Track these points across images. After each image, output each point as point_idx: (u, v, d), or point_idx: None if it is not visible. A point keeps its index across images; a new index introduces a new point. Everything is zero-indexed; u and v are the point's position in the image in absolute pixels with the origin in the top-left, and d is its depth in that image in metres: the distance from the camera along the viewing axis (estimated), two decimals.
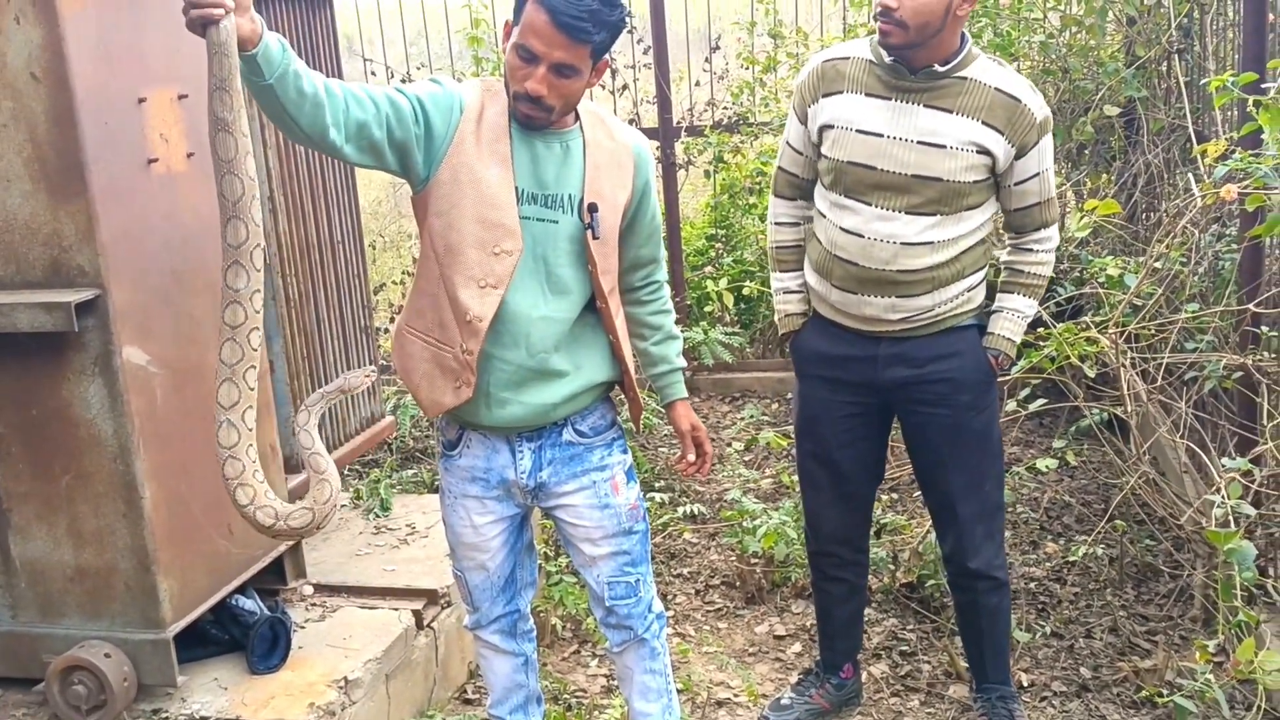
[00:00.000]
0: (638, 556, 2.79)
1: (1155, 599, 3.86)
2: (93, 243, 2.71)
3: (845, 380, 3.08)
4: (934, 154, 2.80)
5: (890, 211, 2.85)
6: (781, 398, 6.07)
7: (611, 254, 2.62)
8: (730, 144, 6.22)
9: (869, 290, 2.92)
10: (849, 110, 2.87)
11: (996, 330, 3.02)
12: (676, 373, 2.87)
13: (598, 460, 2.71)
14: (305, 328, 3.75)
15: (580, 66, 2.42)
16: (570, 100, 2.48)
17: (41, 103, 2.66)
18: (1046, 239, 3.00)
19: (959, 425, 3.02)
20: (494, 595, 2.86)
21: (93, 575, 2.94)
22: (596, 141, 2.58)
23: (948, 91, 2.80)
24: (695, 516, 4.62)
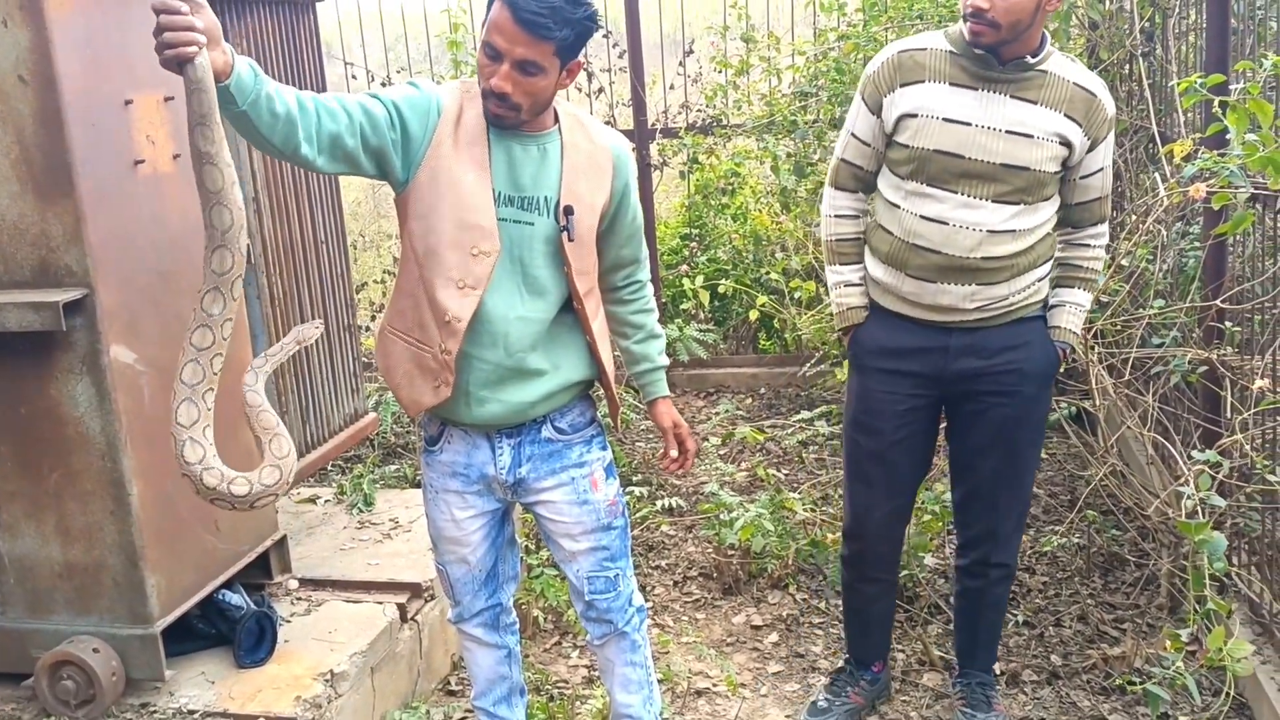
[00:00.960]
0: (617, 551, 2.78)
1: (1122, 587, 3.89)
2: (80, 243, 2.68)
3: (909, 373, 3.02)
4: (1022, 143, 2.79)
5: (976, 199, 2.82)
6: (754, 392, 6.08)
7: (588, 255, 2.59)
8: (704, 146, 6.23)
9: (949, 278, 2.88)
10: (933, 99, 2.83)
11: (1061, 323, 3.01)
12: (659, 371, 2.85)
13: (576, 457, 2.70)
14: (290, 326, 3.72)
15: (544, 64, 2.37)
16: (538, 99, 2.42)
17: (29, 104, 2.63)
18: (1102, 234, 3.00)
19: (1020, 416, 3.00)
20: (475, 589, 2.85)
21: (81, 572, 2.91)
22: (575, 144, 2.55)
23: (1031, 84, 2.79)
24: (673, 509, 4.61)
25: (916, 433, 3.09)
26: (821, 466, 4.91)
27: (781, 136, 5.81)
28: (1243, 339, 3.51)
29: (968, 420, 3.06)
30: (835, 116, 5.62)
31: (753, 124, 6.00)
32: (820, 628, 3.87)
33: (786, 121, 5.76)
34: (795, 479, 4.88)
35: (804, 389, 5.96)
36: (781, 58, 6.21)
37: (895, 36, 5.21)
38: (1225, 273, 3.61)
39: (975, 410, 3.03)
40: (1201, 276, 3.69)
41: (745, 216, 6.39)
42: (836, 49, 5.79)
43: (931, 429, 3.13)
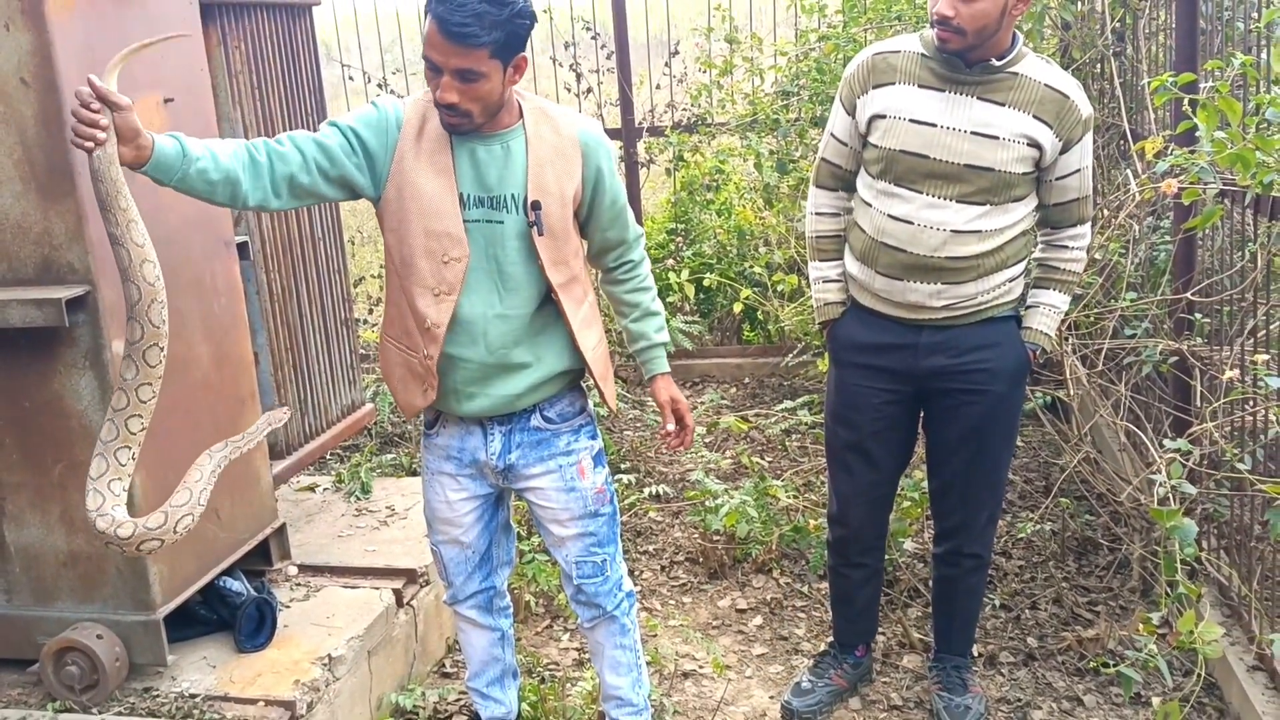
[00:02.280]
0: (604, 537, 2.76)
1: (1095, 571, 3.89)
2: (82, 241, 2.66)
3: (883, 368, 3.00)
4: (987, 144, 2.75)
5: (941, 200, 2.79)
6: (739, 382, 6.07)
7: (564, 245, 2.55)
8: (689, 144, 6.21)
9: (915, 277, 2.86)
10: (901, 100, 2.81)
11: (1034, 325, 2.97)
12: (657, 348, 2.81)
13: (564, 445, 2.69)
14: (288, 320, 3.69)
15: (482, 69, 2.33)
16: (487, 103, 2.39)
17: (31, 107, 2.60)
18: (1081, 235, 2.95)
19: (990, 414, 2.96)
20: (469, 571, 2.85)
21: (85, 560, 2.89)
22: (539, 136, 2.50)
23: (1000, 85, 2.75)
24: (660, 496, 4.60)
25: (893, 425, 3.08)
26: (804, 454, 4.91)
27: (764, 134, 5.80)
28: (1211, 330, 3.51)
29: (940, 416, 3.04)
30: (816, 115, 5.61)
31: (736, 122, 5.99)
32: (803, 611, 3.86)
33: (769, 120, 5.74)
34: (779, 466, 4.88)
35: (787, 379, 5.95)
36: (764, 58, 6.19)
37: (875, 38, 5.20)
38: (1195, 266, 3.61)
39: (947, 407, 3.00)
40: (1172, 270, 3.69)
41: (729, 212, 6.38)
42: (817, 49, 5.77)
43: (909, 421, 3.11)
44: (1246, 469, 2.89)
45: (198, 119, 3.05)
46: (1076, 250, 2.96)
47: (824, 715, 3.26)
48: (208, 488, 2.46)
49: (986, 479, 3.06)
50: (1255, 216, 3.15)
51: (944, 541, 3.18)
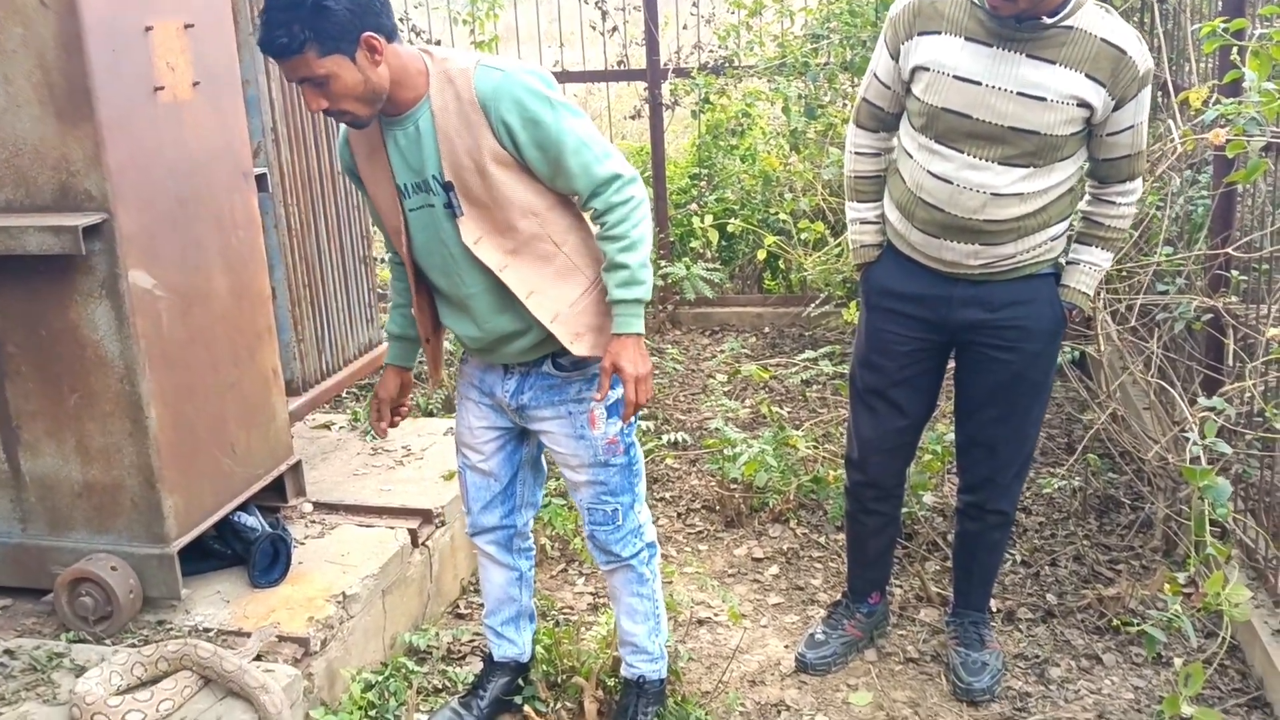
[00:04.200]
0: (616, 487, 2.73)
1: (1117, 530, 3.86)
2: (100, 168, 2.63)
3: (915, 316, 2.93)
4: (1033, 106, 2.60)
5: (983, 161, 2.67)
6: (759, 331, 6.03)
7: (498, 215, 2.46)
8: (716, 86, 6.12)
9: (952, 236, 2.77)
10: (947, 54, 2.67)
11: (1072, 283, 2.87)
12: (617, 305, 2.51)
13: (576, 393, 2.66)
14: (306, 255, 3.67)
15: (323, 70, 2.28)
16: (360, 96, 2.34)
17: (50, 29, 2.56)
18: (1131, 191, 2.81)
19: (1022, 372, 2.90)
20: (487, 500, 2.87)
21: (100, 491, 2.88)
22: (444, 107, 2.41)
23: (1052, 41, 2.58)
24: (677, 444, 4.59)
25: (920, 374, 3.03)
26: (824, 405, 4.88)
27: (793, 78, 5.70)
28: (1248, 288, 3.45)
29: (971, 369, 2.99)
30: (846, 59, 5.51)
31: (764, 65, 5.89)
32: (820, 561, 3.85)
33: (798, 63, 5.64)
34: (798, 417, 4.85)
35: (808, 329, 5.91)
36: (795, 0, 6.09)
37: None
38: (1234, 222, 3.55)
39: (978, 360, 2.94)
40: (1209, 225, 3.63)
41: (754, 157, 6.30)
42: None
43: (936, 371, 3.06)
44: None
45: (218, 45, 3.01)
46: (1125, 206, 2.83)
47: (838, 667, 3.25)
48: (173, 706, 2.61)
49: (1016, 435, 3.00)
50: None
51: (968, 495, 3.14)
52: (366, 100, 2.35)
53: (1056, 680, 3.16)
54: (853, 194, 3.03)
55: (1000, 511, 3.11)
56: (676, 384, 5.35)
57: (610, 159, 2.46)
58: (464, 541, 3.70)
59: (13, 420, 2.88)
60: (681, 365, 5.45)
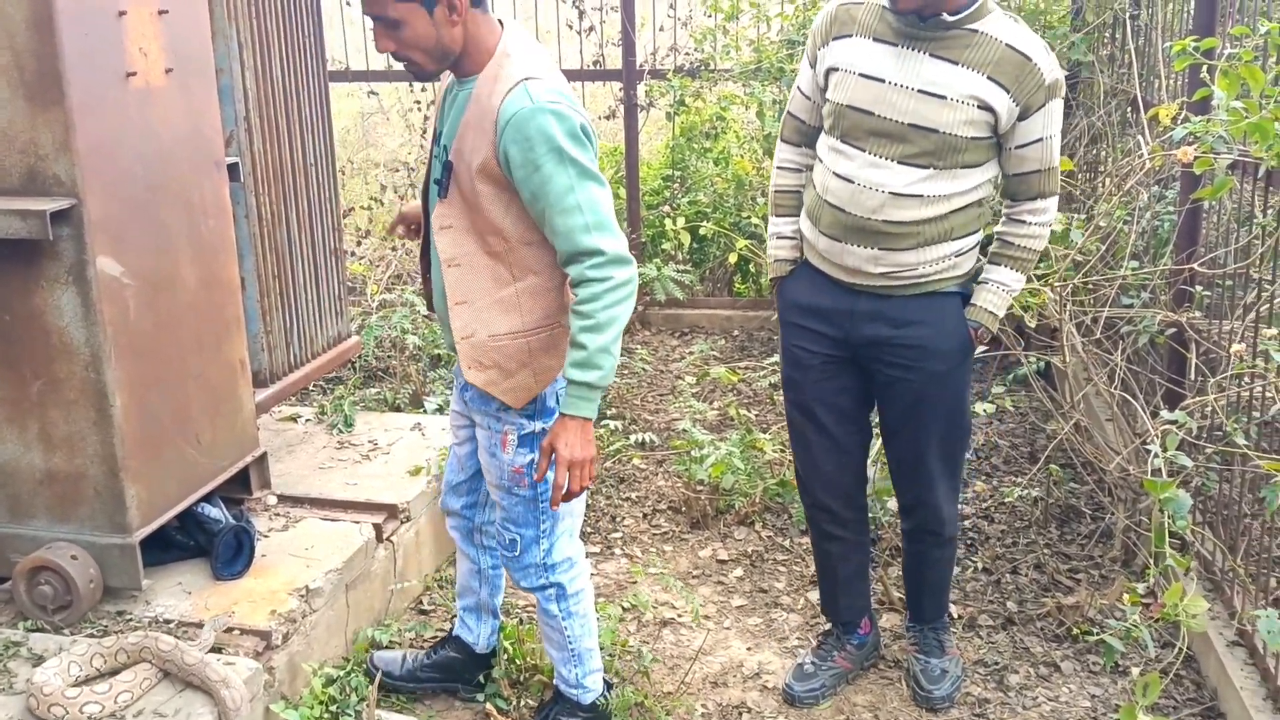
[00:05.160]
0: (517, 517, 2.67)
1: (1077, 539, 3.89)
2: (69, 152, 2.59)
3: (820, 332, 2.91)
4: (933, 104, 2.61)
5: (882, 160, 2.67)
6: (728, 334, 6.04)
7: (472, 215, 2.43)
8: (691, 89, 6.12)
9: (853, 239, 2.75)
10: (855, 54, 2.70)
11: (979, 302, 2.82)
12: (568, 384, 2.42)
13: (495, 410, 2.60)
14: (276, 246, 3.63)
15: (398, 15, 2.29)
16: (428, 48, 2.35)
17: (21, 10, 2.52)
18: (1042, 210, 2.77)
19: (926, 392, 2.85)
20: (455, 484, 2.93)
21: (62, 479, 2.84)
22: (478, 97, 2.39)
23: (956, 42, 2.60)
24: (645, 444, 4.58)
25: (838, 390, 2.98)
26: None
27: (768, 83, 5.72)
28: (1211, 303, 3.49)
29: (881, 390, 2.94)
30: None
31: (740, 69, 5.90)
32: (784, 565, 3.86)
33: (774, 68, 5.66)
34: (765, 420, 4.86)
35: (776, 333, 5.92)
36: (771, 4, 6.10)
37: None
38: (1199, 238, 3.58)
39: (885, 381, 2.90)
40: (1175, 241, 3.66)
41: (728, 161, 6.31)
42: None
43: (856, 387, 2.99)
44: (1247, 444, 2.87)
45: (192, 32, 2.98)
46: (1035, 226, 2.78)
47: (826, 700, 3.14)
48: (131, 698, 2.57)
49: (935, 457, 2.94)
50: (1267, 190, 3.11)
51: (904, 518, 3.11)
52: (434, 56, 2.36)
53: (1015, 687, 3.18)
54: (772, 208, 3.04)
55: (934, 533, 3.05)
56: (645, 384, 5.35)
57: (600, 233, 2.34)
58: (429, 537, 3.68)
59: None
60: (650, 366, 5.45)
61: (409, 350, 5.13)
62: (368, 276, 6.06)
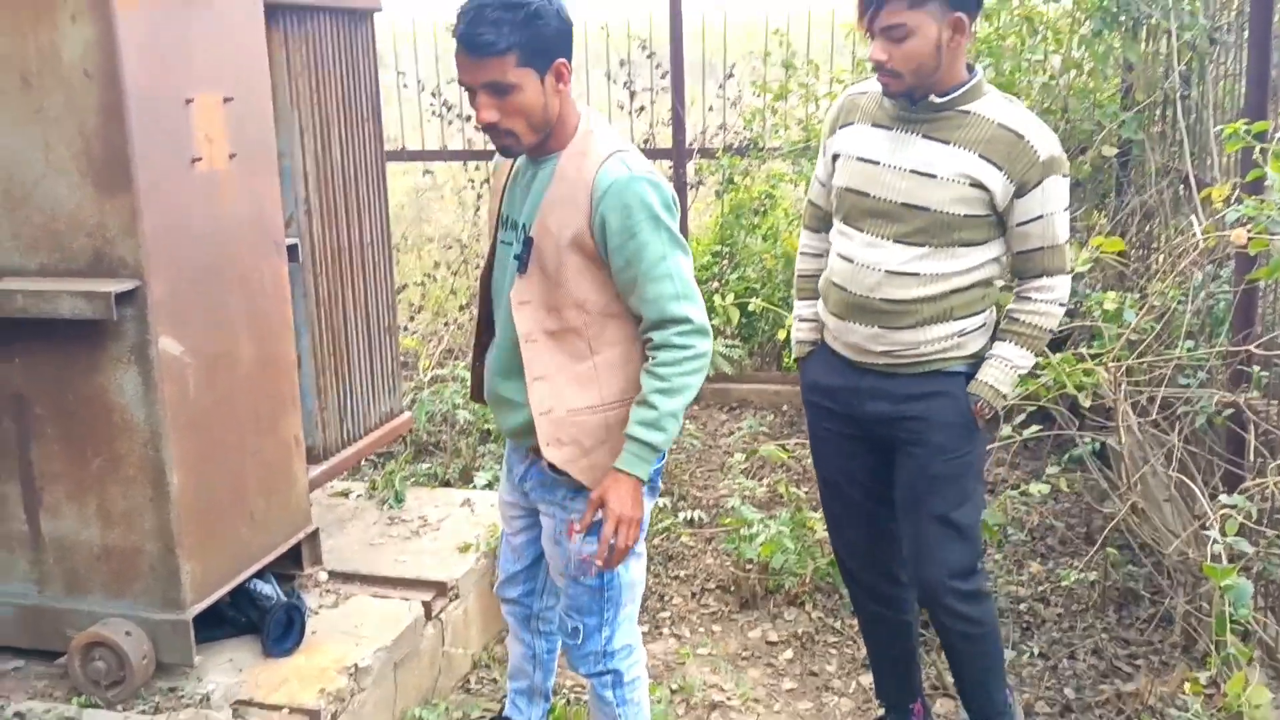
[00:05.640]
0: (582, 606, 2.64)
1: (1136, 623, 3.81)
2: (135, 235, 2.66)
3: (833, 410, 2.96)
4: (925, 183, 2.66)
5: (878, 239, 2.73)
6: (778, 409, 6.02)
7: (553, 291, 2.42)
8: (740, 167, 6.18)
9: (855, 317, 2.80)
10: (855, 140, 2.79)
11: (981, 376, 2.79)
12: (627, 440, 2.43)
13: (561, 498, 2.58)
14: (332, 324, 3.69)
15: (513, 80, 2.26)
16: (532, 117, 2.32)
17: (92, 99, 2.61)
18: (1048, 288, 2.75)
19: (927, 467, 2.82)
20: (511, 574, 2.89)
21: (118, 555, 2.88)
22: (564, 171, 2.40)
23: (948, 124, 2.66)
24: (694, 521, 4.56)
25: (859, 466, 2.99)
26: None
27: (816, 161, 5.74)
28: (1269, 384, 3.44)
29: (894, 466, 2.92)
30: None
31: (788, 148, 5.95)
32: (835, 647, 3.80)
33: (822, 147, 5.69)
34: (815, 498, 4.80)
35: None
36: (820, 85, 6.16)
37: None
38: (1255, 318, 3.54)
39: (896, 458, 2.90)
40: (1231, 320, 3.62)
41: (776, 237, 6.34)
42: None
43: (878, 463, 2.96)
44: None
45: (256, 119, 3.06)
46: (1041, 303, 2.76)
47: None
48: None
49: (942, 535, 2.85)
50: None
51: (925, 603, 2.99)
52: (535, 125, 2.33)
53: None
54: (795, 292, 3.11)
55: (953, 616, 2.89)
56: (694, 460, 5.33)
57: (688, 301, 2.39)
58: (477, 615, 3.67)
59: (36, 482, 2.89)
60: (699, 441, 5.44)
61: (460, 425, 5.16)
62: (420, 351, 6.12)
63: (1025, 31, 5.22)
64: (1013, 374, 2.79)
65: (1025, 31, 5.22)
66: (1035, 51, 5.23)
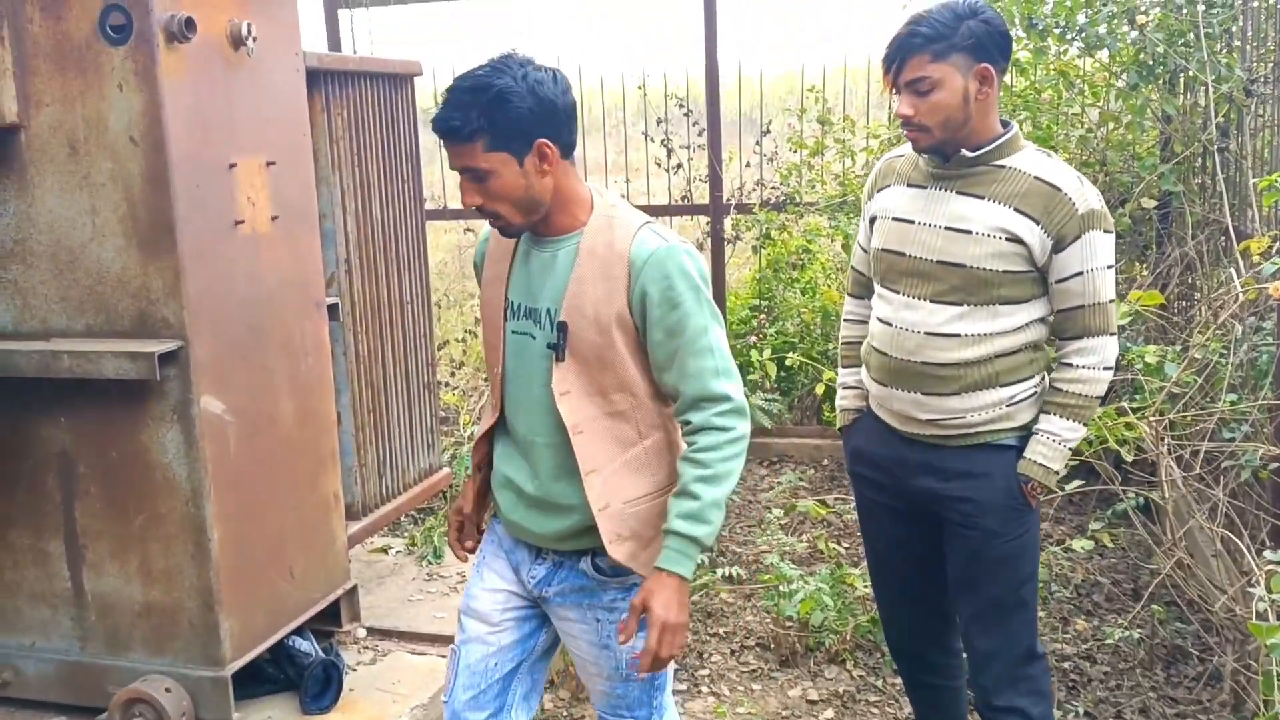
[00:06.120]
0: (633, 701, 2.44)
1: (1184, 681, 3.73)
2: (178, 297, 2.71)
3: (877, 481, 2.84)
4: (960, 239, 2.56)
5: (915, 299, 2.63)
6: (817, 464, 5.99)
7: (598, 377, 2.24)
8: (777, 222, 6.21)
9: (897, 383, 2.69)
10: (892, 201, 2.72)
11: (1029, 454, 2.63)
12: (670, 536, 2.20)
13: (609, 601, 2.34)
14: (372, 382, 3.73)
15: (483, 166, 2.13)
16: (516, 200, 2.17)
17: (138, 164, 2.68)
18: (1089, 351, 2.59)
19: (980, 553, 2.67)
20: (480, 691, 2.40)
21: (159, 612, 2.91)
22: (591, 249, 2.22)
23: (983, 179, 2.58)
24: (733, 578, 4.53)
25: (910, 540, 2.87)
26: None
27: (853, 215, 5.77)
28: None
29: (944, 544, 2.78)
30: None
31: (825, 203, 5.98)
32: (876, 706, 3.75)
33: (859, 201, 5.71)
34: (856, 553, 4.78)
35: None
36: (856, 140, 6.19)
37: None
38: None
39: (947, 539, 2.75)
40: (1274, 373, 3.57)
41: (815, 291, 6.35)
42: None
43: (928, 534, 2.82)
44: None
45: (298, 182, 3.12)
46: (1083, 369, 2.59)
47: None
48: None
49: (990, 626, 2.71)
50: None
51: (972, 688, 2.86)
52: (522, 207, 2.19)
53: None
54: (840, 359, 3.03)
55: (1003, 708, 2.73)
56: (733, 515, 5.31)
57: (729, 378, 2.22)
58: None
59: (79, 539, 2.93)
60: (738, 496, 5.42)
61: None
62: (460, 407, 6.15)
63: (1061, 85, 5.23)
64: (1062, 449, 2.62)
65: (1061, 85, 5.23)
66: (1072, 105, 5.23)
